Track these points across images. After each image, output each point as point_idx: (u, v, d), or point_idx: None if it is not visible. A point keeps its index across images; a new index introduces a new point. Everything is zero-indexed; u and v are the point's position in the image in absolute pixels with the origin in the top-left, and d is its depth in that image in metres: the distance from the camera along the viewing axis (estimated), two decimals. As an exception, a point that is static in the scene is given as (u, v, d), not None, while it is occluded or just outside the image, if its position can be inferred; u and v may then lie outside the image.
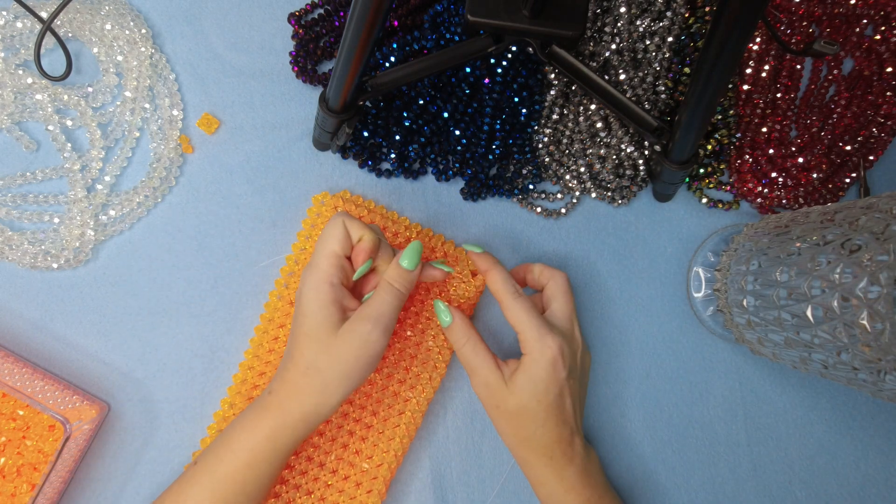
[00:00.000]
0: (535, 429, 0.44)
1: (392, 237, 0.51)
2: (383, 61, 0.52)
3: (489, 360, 0.45)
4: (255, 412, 0.43)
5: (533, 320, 0.44)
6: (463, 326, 0.46)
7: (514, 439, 0.46)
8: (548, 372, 0.44)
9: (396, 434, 0.49)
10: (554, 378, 0.44)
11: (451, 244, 0.52)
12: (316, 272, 0.43)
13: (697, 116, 0.43)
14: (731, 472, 0.52)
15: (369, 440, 0.49)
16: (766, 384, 0.53)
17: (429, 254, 0.51)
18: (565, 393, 0.45)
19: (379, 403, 0.50)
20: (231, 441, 0.43)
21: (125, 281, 0.51)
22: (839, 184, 0.54)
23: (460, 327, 0.46)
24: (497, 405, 0.45)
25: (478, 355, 0.45)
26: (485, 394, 0.46)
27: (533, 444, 0.45)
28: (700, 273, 0.53)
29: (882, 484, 0.52)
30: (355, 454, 0.49)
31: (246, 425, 0.43)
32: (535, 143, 0.53)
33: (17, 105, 0.52)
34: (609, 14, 0.52)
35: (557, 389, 0.44)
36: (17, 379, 0.47)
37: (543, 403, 0.44)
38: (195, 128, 0.53)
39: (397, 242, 0.51)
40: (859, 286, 0.35)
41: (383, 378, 0.50)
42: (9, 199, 0.51)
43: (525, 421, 0.44)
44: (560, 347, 0.44)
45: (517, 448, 0.46)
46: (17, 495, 0.45)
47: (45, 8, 0.51)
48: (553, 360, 0.44)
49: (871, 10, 0.54)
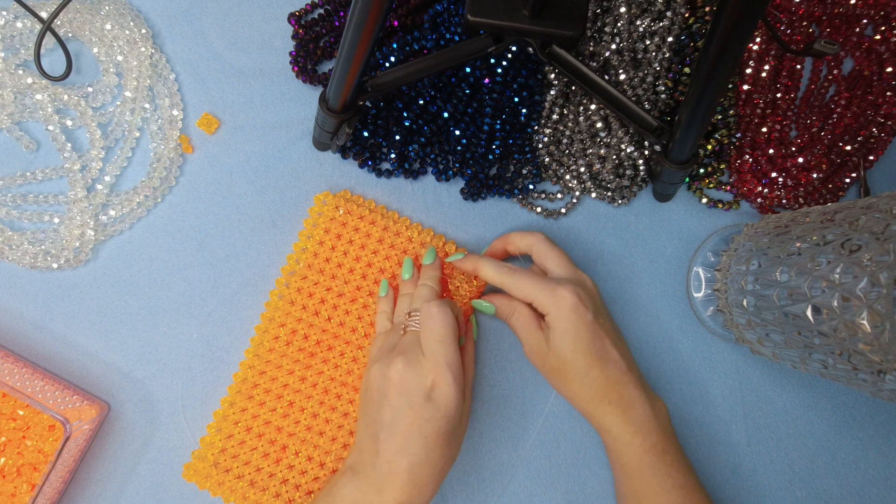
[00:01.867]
0: (582, 378, 0.44)
1: (394, 237, 0.51)
2: (383, 61, 0.52)
3: (532, 325, 0.46)
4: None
5: (538, 283, 0.45)
6: (504, 305, 0.48)
7: (572, 396, 0.46)
8: (572, 320, 0.44)
9: None
10: (582, 323, 0.44)
11: (453, 244, 0.52)
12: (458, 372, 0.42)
13: (697, 116, 0.43)
14: (732, 472, 0.52)
15: None
16: (766, 384, 0.53)
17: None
18: (600, 335, 0.44)
19: None
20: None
21: (125, 281, 0.51)
22: (839, 184, 0.54)
23: (503, 306, 0.48)
24: (545, 367, 0.46)
25: (521, 323, 0.47)
26: (534, 360, 0.47)
27: (587, 394, 0.45)
28: (700, 273, 0.53)
29: (882, 484, 0.52)
30: None
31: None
32: (535, 143, 0.53)
33: (17, 105, 0.52)
34: (609, 14, 0.52)
35: (589, 334, 0.44)
36: (17, 379, 0.47)
37: (580, 352, 0.44)
38: (195, 128, 0.53)
39: (399, 242, 0.51)
40: (859, 286, 0.35)
41: None
42: (9, 199, 0.51)
43: (571, 374, 0.45)
44: (575, 293, 0.44)
45: (579, 404, 0.46)
46: (17, 495, 0.45)
47: (45, 8, 0.51)
48: (573, 307, 0.44)
49: (871, 10, 0.54)
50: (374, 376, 0.43)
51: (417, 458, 0.41)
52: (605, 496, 0.51)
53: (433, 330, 0.43)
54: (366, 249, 0.51)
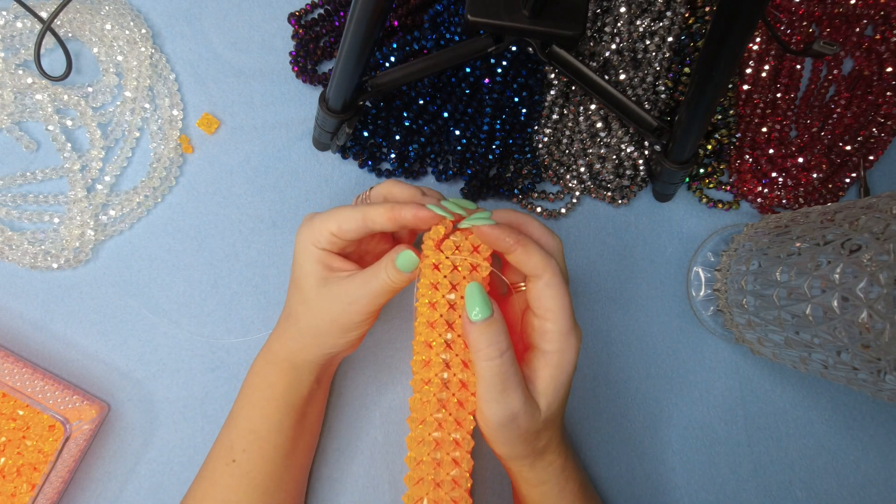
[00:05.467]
0: (551, 434, 0.39)
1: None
2: (383, 61, 0.52)
3: (522, 381, 0.37)
4: (257, 356, 0.45)
5: (569, 308, 0.37)
6: (502, 328, 0.36)
7: (527, 451, 0.39)
8: (570, 372, 0.38)
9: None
10: (572, 366, 0.38)
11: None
12: (310, 234, 0.41)
13: (697, 116, 0.43)
14: (732, 472, 0.52)
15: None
16: (766, 384, 0.53)
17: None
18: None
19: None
20: (243, 384, 0.45)
21: (125, 281, 0.51)
22: (839, 184, 0.54)
23: (499, 328, 0.36)
24: (524, 438, 0.38)
25: (514, 376, 0.36)
26: (506, 434, 0.37)
27: (541, 446, 0.39)
28: (700, 273, 0.53)
29: (882, 484, 0.52)
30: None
31: (251, 367, 0.45)
32: (535, 143, 0.53)
33: (17, 105, 0.52)
34: (609, 14, 0.52)
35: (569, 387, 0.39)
36: (17, 379, 0.47)
37: (562, 405, 0.39)
38: (195, 128, 0.53)
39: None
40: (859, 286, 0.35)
41: None
42: (9, 199, 0.51)
43: (541, 432, 0.38)
44: (579, 340, 0.38)
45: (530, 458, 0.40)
46: (17, 495, 0.45)
47: (45, 8, 0.51)
48: (577, 352, 0.38)
49: (871, 10, 0.54)
50: None
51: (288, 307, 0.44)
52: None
53: None
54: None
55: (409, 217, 0.38)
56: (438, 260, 0.38)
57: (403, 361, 0.51)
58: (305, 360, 0.43)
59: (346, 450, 0.50)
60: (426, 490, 0.38)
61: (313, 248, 0.41)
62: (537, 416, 0.37)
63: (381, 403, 0.51)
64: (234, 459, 0.43)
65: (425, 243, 0.39)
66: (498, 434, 0.37)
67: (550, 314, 0.37)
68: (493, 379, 0.36)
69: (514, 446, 0.38)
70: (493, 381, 0.36)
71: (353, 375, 0.51)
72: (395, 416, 0.51)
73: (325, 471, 0.50)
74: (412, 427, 0.39)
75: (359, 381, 0.51)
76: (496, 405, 0.36)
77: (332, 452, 0.50)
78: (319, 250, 0.41)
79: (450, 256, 0.38)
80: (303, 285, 0.41)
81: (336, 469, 0.50)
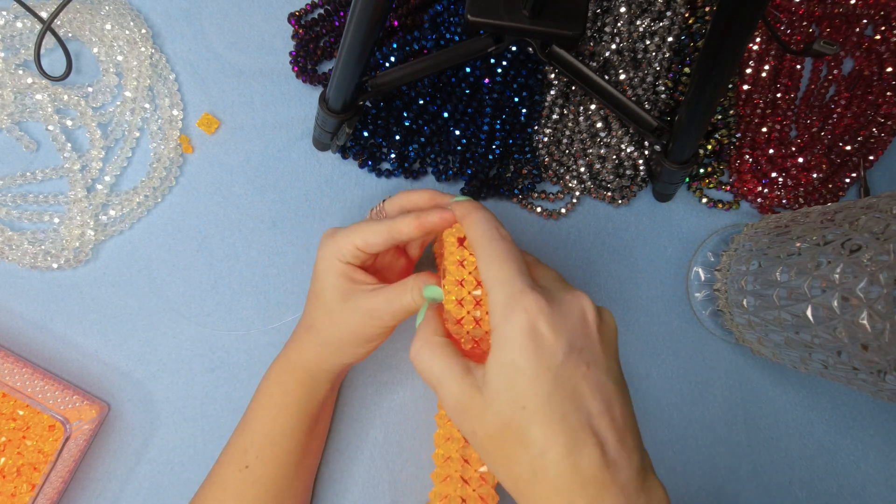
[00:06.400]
0: (533, 458, 0.28)
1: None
2: (383, 61, 0.52)
3: (456, 363, 0.31)
4: (272, 363, 0.46)
5: (508, 272, 0.30)
6: (430, 324, 0.35)
7: (514, 484, 0.29)
8: (526, 351, 0.28)
9: None
10: (540, 360, 0.28)
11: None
12: (334, 248, 0.41)
13: (697, 116, 0.43)
14: (732, 472, 0.52)
15: None
16: (766, 384, 0.53)
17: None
18: (576, 389, 0.28)
19: None
20: (256, 392, 0.45)
21: (125, 281, 0.51)
22: (839, 184, 0.54)
23: (427, 324, 0.35)
24: (474, 430, 0.30)
25: (439, 359, 0.32)
26: (457, 416, 0.31)
27: (538, 490, 0.28)
28: (700, 273, 0.53)
29: (882, 484, 0.52)
30: None
31: (263, 377, 0.46)
32: (535, 143, 0.53)
33: (17, 105, 0.52)
34: (609, 14, 0.52)
35: (552, 379, 0.28)
36: (17, 379, 0.47)
37: (533, 408, 0.28)
38: (195, 128, 0.53)
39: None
40: (859, 286, 0.35)
41: None
42: (9, 199, 0.51)
43: (513, 446, 0.28)
44: (541, 310, 0.29)
45: (521, 497, 0.30)
46: (17, 495, 0.45)
47: (45, 8, 0.51)
48: (530, 330, 0.28)
49: (871, 10, 0.54)
50: None
51: (309, 318, 0.44)
52: None
53: None
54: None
55: (437, 221, 0.38)
56: (462, 256, 0.38)
57: (403, 361, 0.52)
58: (323, 370, 0.44)
59: (346, 450, 0.50)
60: (454, 487, 0.39)
61: (338, 262, 0.41)
62: (482, 408, 0.29)
63: (381, 403, 0.51)
64: (247, 465, 0.43)
65: (447, 240, 0.39)
66: (450, 413, 0.32)
67: (485, 283, 0.31)
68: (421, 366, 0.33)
69: (461, 425, 0.31)
70: (422, 368, 0.33)
71: (354, 375, 0.51)
72: (395, 417, 0.51)
73: (326, 471, 0.50)
74: (440, 423, 0.40)
75: (359, 381, 0.51)
76: (436, 390, 0.32)
77: (333, 452, 0.50)
78: (344, 264, 0.42)
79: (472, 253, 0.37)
80: (327, 298, 0.42)
81: (336, 469, 0.50)
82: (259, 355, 0.51)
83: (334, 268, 0.42)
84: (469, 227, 0.35)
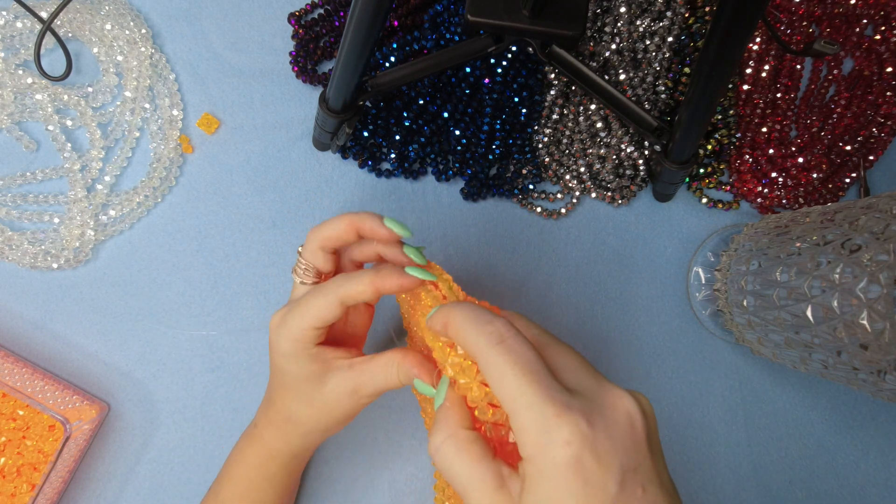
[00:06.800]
0: None
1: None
2: (383, 61, 0.52)
3: (487, 469, 0.27)
4: (245, 442, 0.43)
5: (531, 393, 0.26)
6: (455, 411, 0.29)
7: None
8: (572, 493, 0.24)
9: None
10: (589, 500, 0.24)
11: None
12: (290, 337, 0.37)
13: (697, 116, 0.43)
14: (732, 472, 0.52)
15: None
16: (766, 384, 0.53)
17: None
18: None
19: None
20: (228, 470, 0.43)
21: (125, 281, 0.51)
22: (839, 184, 0.54)
23: (451, 412, 0.29)
24: None
25: (468, 462, 0.27)
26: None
27: None
28: (700, 273, 0.53)
29: (882, 484, 0.52)
30: None
31: (237, 456, 0.43)
32: (535, 143, 0.53)
33: (17, 105, 0.52)
34: (609, 14, 0.52)
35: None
36: (17, 379, 0.47)
37: None
38: (195, 128, 0.53)
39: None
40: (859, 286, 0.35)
41: None
42: (9, 199, 0.51)
43: None
44: (584, 439, 0.25)
45: None
46: (17, 495, 0.45)
47: (45, 8, 0.51)
48: (575, 465, 0.25)
49: (871, 10, 0.54)
50: None
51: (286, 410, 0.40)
52: None
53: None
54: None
55: (394, 289, 0.34)
56: (460, 364, 0.31)
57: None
58: (307, 449, 0.42)
59: (345, 450, 0.50)
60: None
61: (301, 350, 0.37)
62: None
63: (380, 404, 0.51)
64: None
65: (433, 345, 0.32)
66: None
67: (504, 404, 0.26)
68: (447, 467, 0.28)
69: None
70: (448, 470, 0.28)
71: (353, 375, 0.51)
72: (394, 416, 0.51)
73: (325, 471, 0.50)
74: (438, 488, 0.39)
75: (359, 381, 0.51)
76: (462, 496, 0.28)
77: (333, 452, 0.50)
78: (309, 350, 0.37)
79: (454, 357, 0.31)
80: (303, 388, 0.38)
81: (336, 469, 0.50)
82: (259, 355, 0.51)
83: (299, 357, 0.37)
84: (457, 337, 0.29)
